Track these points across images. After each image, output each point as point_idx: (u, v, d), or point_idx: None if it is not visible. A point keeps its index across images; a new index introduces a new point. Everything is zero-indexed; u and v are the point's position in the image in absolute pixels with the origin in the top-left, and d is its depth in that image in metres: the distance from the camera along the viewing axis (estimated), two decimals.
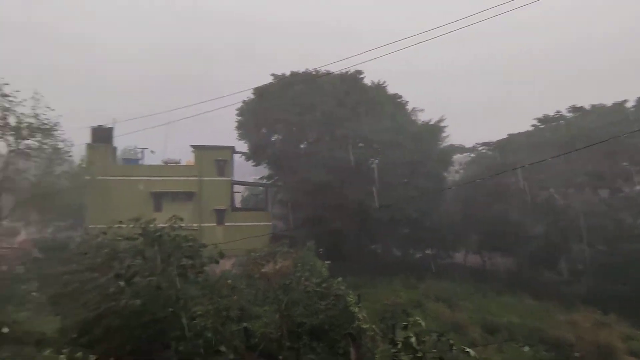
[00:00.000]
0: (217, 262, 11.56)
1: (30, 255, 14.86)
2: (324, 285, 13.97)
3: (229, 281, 11.66)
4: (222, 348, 10.36)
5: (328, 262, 21.30)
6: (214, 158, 30.79)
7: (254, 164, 34.86)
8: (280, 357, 12.20)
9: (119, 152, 35.04)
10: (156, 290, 9.52)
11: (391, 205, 27.37)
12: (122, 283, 9.11)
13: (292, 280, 13.69)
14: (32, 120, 19.13)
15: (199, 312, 11.37)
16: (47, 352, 8.99)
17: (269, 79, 31.83)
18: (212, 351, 10.90)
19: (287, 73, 31.28)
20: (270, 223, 31.77)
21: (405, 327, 8.14)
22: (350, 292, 14.03)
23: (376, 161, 32.77)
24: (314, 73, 29.50)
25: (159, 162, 32.25)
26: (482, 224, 32.67)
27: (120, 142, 35.27)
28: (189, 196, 30.09)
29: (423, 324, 7.57)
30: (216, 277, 11.70)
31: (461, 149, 37.85)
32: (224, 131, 38.38)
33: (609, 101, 30.91)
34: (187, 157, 33.61)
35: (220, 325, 11.40)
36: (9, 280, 11.73)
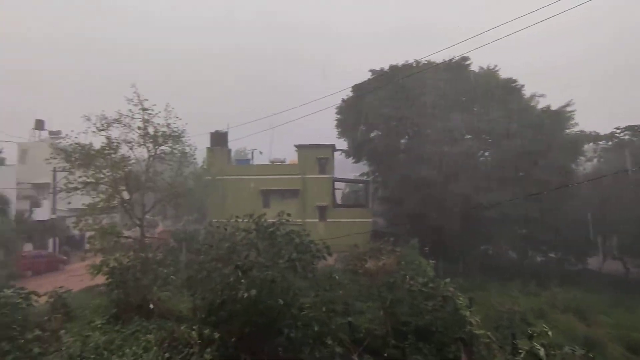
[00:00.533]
0: (324, 258, 11.94)
1: (167, 244, 17.40)
2: (430, 285, 13.35)
3: (335, 276, 11.89)
4: (329, 340, 10.64)
5: (433, 261, 20.31)
6: (315, 156, 31.99)
7: (353, 161, 35.16)
8: (385, 355, 12.06)
9: (232, 154, 38.92)
10: (270, 282, 10.21)
11: (503, 202, 24.79)
12: (240, 274, 10.00)
13: (396, 278, 13.40)
14: (165, 129, 22.37)
15: (307, 304, 11.94)
16: (183, 327, 10.33)
17: (368, 76, 31.77)
18: (319, 341, 11.32)
19: (386, 67, 30.74)
20: (371, 220, 31.68)
21: (529, 337, 7.28)
22: (460, 294, 13.14)
23: (486, 154, 30.08)
24: (414, 65, 28.36)
25: (266, 162, 34.81)
26: (625, 225, 27.29)
27: (234, 144, 39.26)
28: (293, 193, 31.82)
29: (550, 334, 6.64)
30: (320, 272, 12.06)
31: (594, 137, 32.20)
32: (325, 130, 39.62)
33: None
34: (292, 157, 35.63)
35: (326, 318, 11.77)
36: (154, 264, 13.88)
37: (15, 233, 24.99)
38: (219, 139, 34.19)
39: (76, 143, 20.93)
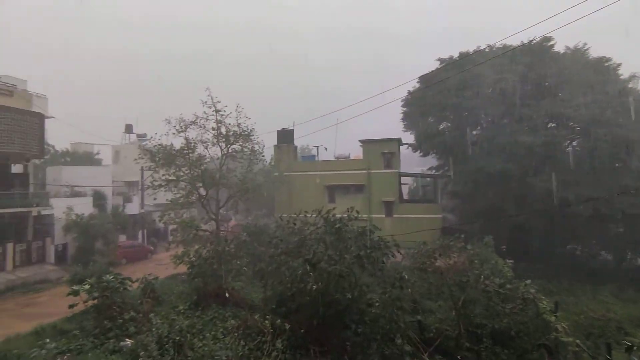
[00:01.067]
0: (393, 255, 11.72)
1: (240, 237, 18.38)
2: (508, 286, 12.41)
3: (404, 273, 11.60)
4: (398, 339, 10.42)
5: (511, 261, 18.86)
6: (380, 151, 31.42)
7: (421, 154, 33.88)
8: (459, 357, 11.48)
9: (298, 151, 39.82)
10: (337, 277, 10.28)
11: (596, 198, 22.07)
12: (308, 267, 10.21)
13: (470, 277, 12.67)
14: (236, 128, 23.63)
15: (374, 301, 11.82)
16: (256, 316, 10.84)
17: (435, 65, 30.32)
18: (387, 338, 11.14)
19: (455, 55, 29.06)
20: (440, 216, 30.31)
21: (628, 349, 6.40)
22: (544, 298, 12.02)
23: (574, 143, 27.02)
24: (487, 50, 26.39)
25: (331, 158, 35.04)
26: None
27: (299, 141, 40.07)
28: (358, 188, 31.66)
29: None
30: (388, 268, 11.83)
31: None
32: (390, 125, 38.75)
33: None
34: (356, 152, 35.44)
35: (394, 315, 11.53)
36: (228, 256, 14.82)
37: (112, 225, 28.28)
38: (285, 136, 35.22)
39: (159, 144, 23.05)
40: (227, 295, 14.57)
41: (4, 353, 9.77)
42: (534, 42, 24.29)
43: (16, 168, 26.47)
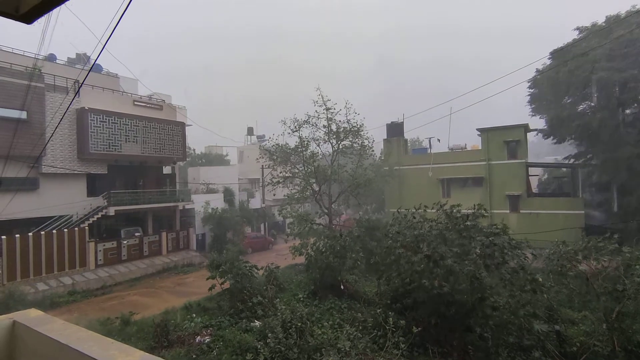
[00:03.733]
0: (525, 258, 10.48)
1: (352, 231, 18.66)
2: None
3: (538, 276, 10.23)
4: (534, 351, 9.22)
5: None
6: (503, 139, 28.31)
7: (554, 141, 29.37)
8: None
9: (408, 144, 38.56)
10: (465, 276, 9.59)
11: None
12: (431, 264, 9.73)
13: (627, 285, 10.46)
14: (345, 125, 24.07)
15: (500, 305, 10.69)
16: (377, 310, 10.83)
17: (571, 36, 25.87)
18: (517, 347, 10.00)
19: (601, 21, 24.30)
20: (582, 212, 25.83)
21: None
22: None
23: None
24: None
25: (445, 150, 33.01)
26: None
27: (411, 134, 38.71)
28: (477, 181, 29.14)
29: None
30: (515, 269, 10.55)
31: None
32: (512, 111, 34.68)
33: None
34: (473, 142, 32.65)
35: (526, 322, 10.27)
36: (343, 249, 15.19)
37: (240, 218, 31.72)
38: (395, 129, 34.49)
39: (276, 144, 24.93)
40: (342, 287, 14.96)
41: (165, 322, 11.80)
42: None
43: (166, 169, 31.73)
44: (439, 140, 33.82)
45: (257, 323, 12.02)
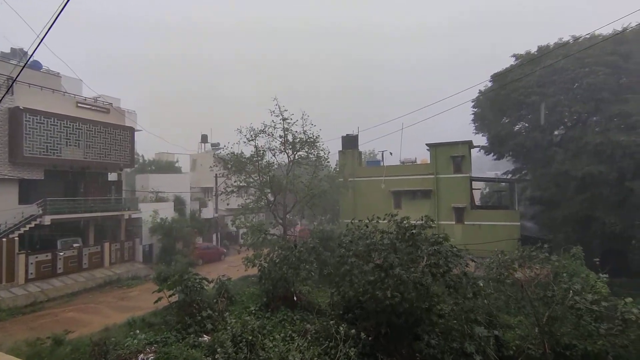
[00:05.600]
0: (467, 266, 11.11)
1: (307, 242, 18.70)
2: (603, 304, 11.01)
3: (481, 283, 10.88)
4: (475, 354, 9.75)
5: (605, 275, 16.71)
6: (449, 154, 30.01)
7: (494, 157, 31.69)
8: None
9: (363, 156, 39.62)
10: (413, 285, 9.94)
11: None
12: (382, 274, 10.01)
13: (556, 292, 11.48)
14: (302, 135, 24.28)
15: (446, 312, 11.24)
16: (329, 322, 10.89)
17: (509, 62, 28.29)
18: (461, 352, 10.51)
19: (533, 50, 26.82)
20: (518, 223, 27.95)
21: None
22: None
23: None
24: (571, 42, 23.96)
25: (397, 163, 34.29)
26: None
27: (364, 147, 39.82)
28: (426, 194, 30.51)
29: None
30: (459, 277, 11.17)
31: None
32: (460, 128, 36.94)
33: None
34: (423, 156, 34.27)
35: (469, 328, 10.86)
36: (297, 260, 15.15)
37: (190, 228, 30.60)
38: (350, 142, 35.28)
39: (231, 152, 24.52)
40: (295, 298, 14.89)
41: (104, 340, 11.02)
42: (630, 29, 21.53)
43: (111, 176, 29.95)
44: (391, 153, 35.11)
45: (206, 338, 11.61)
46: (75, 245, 23.89)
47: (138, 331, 12.53)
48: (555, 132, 27.34)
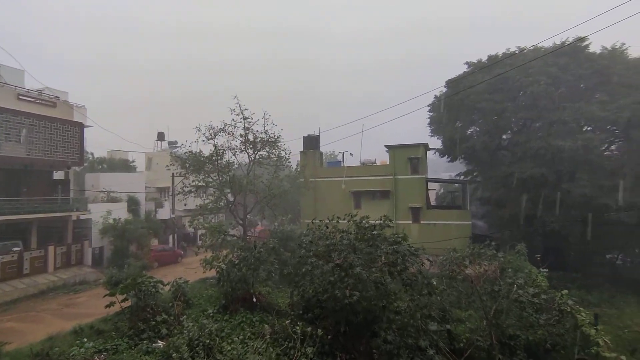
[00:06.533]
0: (422, 264, 11.54)
1: (267, 242, 18.60)
2: (543, 296, 11.94)
3: (433, 280, 11.37)
4: (428, 348, 10.18)
5: (545, 270, 18.10)
6: (407, 156, 31.06)
7: (448, 159, 33.23)
8: None
9: (324, 157, 39.96)
10: (372, 284, 10.19)
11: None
12: (342, 273, 10.17)
13: (502, 286, 12.26)
14: (263, 135, 24.07)
15: (402, 309, 11.64)
16: (287, 322, 10.89)
17: (463, 69, 29.78)
18: (416, 347, 10.93)
19: (484, 59, 28.42)
20: (469, 222, 29.50)
21: None
22: (582, 309, 11.47)
23: (612, 147, 25.74)
24: (517, 53, 25.65)
25: (357, 164, 34.95)
26: None
27: (325, 148, 40.20)
28: (385, 194, 31.37)
29: None
30: (415, 275, 11.63)
31: None
32: (417, 130, 38.32)
33: None
34: (382, 158, 35.17)
35: (423, 324, 11.32)
36: (256, 261, 15.02)
37: (145, 230, 29.32)
38: (311, 142, 35.48)
39: (189, 151, 23.81)
40: (254, 300, 14.76)
41: (46, 351, 10.31)
42: (568, 43, 23.43)
43: (58, 175, 28.00)
44: (351, 154, 35.74)
45: (161, 343, 11.21)
46: (15, 249, 22.11)
47: (85, 339, 11.86)
48: (503, 137, 29.15)
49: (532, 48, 25.06)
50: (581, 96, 25.11)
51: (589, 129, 24.90)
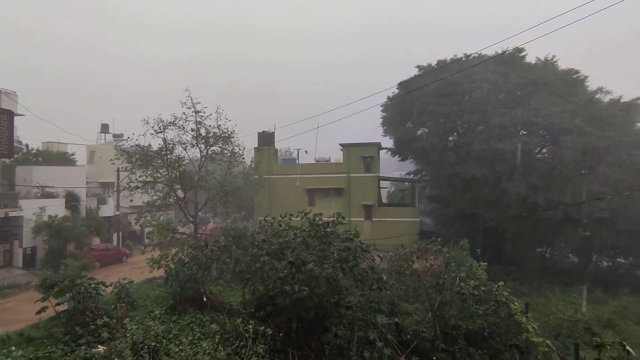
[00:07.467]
0: (373, 260, 11.87)
1: (218, 240, 18.18)
2: (482, 288, 12.80)
3: (383, 276, 11.76)
4: (377, 341, 10.53)
5: (485, 263, 19.43)
6: (360, 155, 31.75)
7: (399, 159, 34.49)
8: (434, 358, 11.73)
9: (279, 154, 39.74)
10: (324, 280, 10.31)
11: (565, 203, 23.06)
12: (293, 269, 10.20)
13: (445, 280, 13.00)
14: (216, 130, 23.42)
15: (352, 303, 11.94)
16: (237, 321, 10.73)
17: (414, 72, 30.99)
18: (366, 341, 11.27)
19: (434, 63, 29.78)
20: (418, 219, 30.84)
21: (595, 347, 6.72)
22: (515, 299, 12.46)
23: (543, 150, 28.16)
24: (463, 59, 27.18)
25: (312, 161, 35.14)
26: None
27: (280, 144, 39.98)
28: (338, 192, 31.86)
29: (630, 349, 6.06)
30: (365, 270, 11.98)
31: None
32: (371, 129, 39.35)
33: None
34: (337, 156, 35.70)
35: (372, 317, 11.68)
36: (207, 259, 14.62)
37: (85, 228, 27.38)
38: (266, 139, 35.08)
39: (136, 145, 22.57)
40: (205, 299, 14.38)
41: None
42: (507, 52, 25.24)
43: None
44: (306, 151, 35.85)
45: (101, 348, 10.57)
46: None
47: (14, 348, 10.86)
48: (450, 138, 30.82)
49: (476, 55, 26.71)
50: (518, 103, 27.20)
51: (524, 133, 27.04)
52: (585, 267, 29.24)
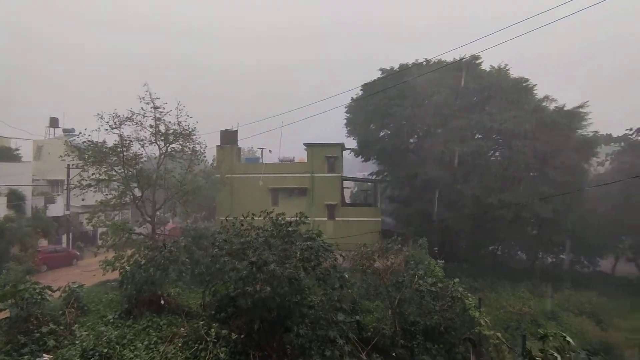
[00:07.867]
0: (335, 258, 11.97)
1: (178, 241, 17.59)
2: (439, 285, 13.33)
3: (345, 275, 11.92)
4: (338, 339, 10.66)
5: (442, 261, 20.25)
6: (324, 155, 31.96)
7: (362, 159, 35.10)
8: (394, 354, 12.07)
9: (242, 153, 39.07)
10: (287, 280, 10.26)
11: (514, 203, 24.54)
12: (254, 269, 10.08)
13: (405, 277, 13.40)
14: (176, 127, 22.64)
15: (315, 303, 12.01)
16: (198, 324, 10.46)
17: (377, 74, 31.66)
18: (327, 339, 11.38)
19: (396, 66, 30.58)
20: (380, 219, 31.54)
21: (540, 338, 7.20)
22: (470, 295, 13.09)
23: (496, 154, 29.79)
24: (424, 64, 28.16)
25: (275, 161, 34.89)
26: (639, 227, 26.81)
27: (243, 143, 39.34)
28: (302, 192, 31.87)
29: (570, 339, 6.55)
30: (328, 270, 12.09)
31: (607, 139, 31.21)
32: (335, 130, 39.69)
33: None
34: (301, 156, 35.68)
35: (334, 316, 11.81)
36: (165, 260, 14.09)
37: (31, 229, 25.48)
38: (228, 137, 34.37)
39: (89, 141, 21.32)
40: (162, 302, 13.87)
41: None
42: (464, 59, 26.46)
43: None
44: (270, 151, 35.53)
45: (47, 357, 9.91)
46: None
47: None
48: (411, 140, 31.80)
49: (436, 60, 27.76)
50: (474, 107, 28.59)
51: (479, 137, 28.45)
52: (532, 264, 31.28)
